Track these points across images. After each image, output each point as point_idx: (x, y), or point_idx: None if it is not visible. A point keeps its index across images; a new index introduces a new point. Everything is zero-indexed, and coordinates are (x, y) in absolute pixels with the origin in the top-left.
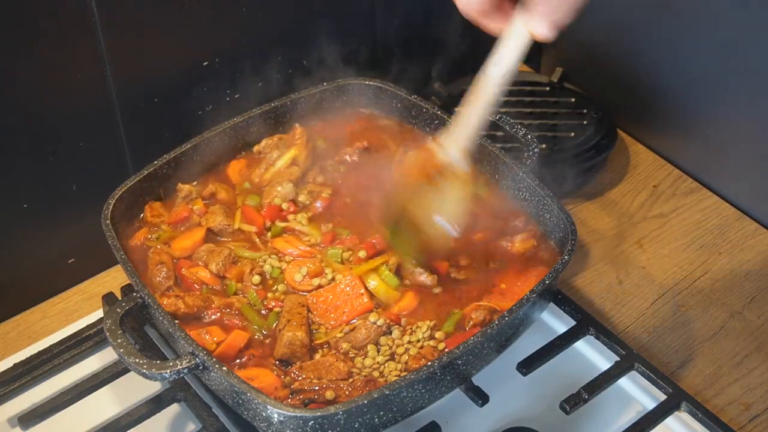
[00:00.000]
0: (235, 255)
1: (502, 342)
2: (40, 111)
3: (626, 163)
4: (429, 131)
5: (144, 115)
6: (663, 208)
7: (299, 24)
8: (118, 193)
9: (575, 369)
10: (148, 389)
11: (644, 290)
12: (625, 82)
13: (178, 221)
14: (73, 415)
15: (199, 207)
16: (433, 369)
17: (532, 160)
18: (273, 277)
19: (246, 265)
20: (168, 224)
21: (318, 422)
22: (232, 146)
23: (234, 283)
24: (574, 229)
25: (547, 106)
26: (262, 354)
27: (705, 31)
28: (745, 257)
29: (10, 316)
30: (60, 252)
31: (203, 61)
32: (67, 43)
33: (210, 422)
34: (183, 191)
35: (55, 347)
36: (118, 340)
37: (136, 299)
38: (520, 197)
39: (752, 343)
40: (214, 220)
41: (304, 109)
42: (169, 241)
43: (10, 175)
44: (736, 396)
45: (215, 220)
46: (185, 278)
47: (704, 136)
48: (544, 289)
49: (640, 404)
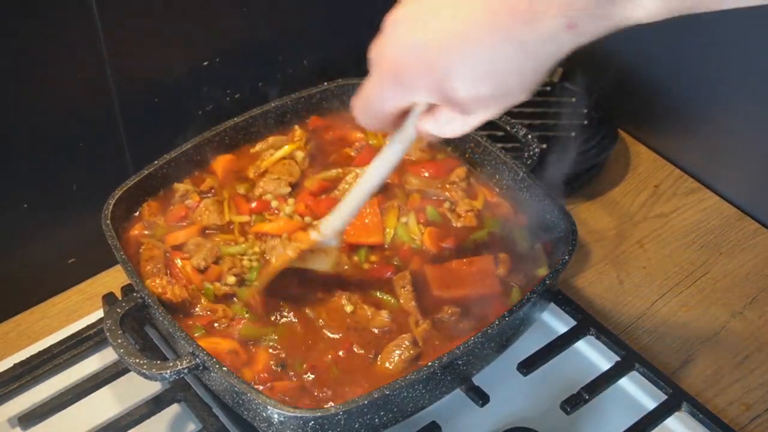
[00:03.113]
0: (218, 250)
1: (502, 342)
2: (40, 111)
3: (627, 163)
4: None
5: (144, 115)
6: (664, 208)
7: (300, 23)
8: (118, 193)
9: (576, 369)
10: (148, 389)
11: (645, 290)
12: (626, 81)
13: (176, 220)
14: (73, 415)
15: (192, 202)
16: (433, 369)
17: (532, 160)
18: (249, 280)
19: (226, 263)
20: (166, 223)
21: (318, 422)
22: (232, 146)
23: (212, 287)
24: (575, 229)
25: (547, 105)
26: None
27: (705, 30)
28: (746, 257)
29: (10, 316)
30: (60, 252)
31: (203, 61)
32: (67, 43)
33: (210, 422)
34: (179, 190)
35: (55, 347)
36: (119, 340)
37: (136, 299)
38: (521, 197)
39: (753, 343)
40: (209, 217)
41: (304, 109)
42: (164, 237)
43: (10, 175)
44: (737, 396)
45: (209, 218)
46: (174, 268)
47: (705, 136)
48: (545, 289)
49: (640, 404)
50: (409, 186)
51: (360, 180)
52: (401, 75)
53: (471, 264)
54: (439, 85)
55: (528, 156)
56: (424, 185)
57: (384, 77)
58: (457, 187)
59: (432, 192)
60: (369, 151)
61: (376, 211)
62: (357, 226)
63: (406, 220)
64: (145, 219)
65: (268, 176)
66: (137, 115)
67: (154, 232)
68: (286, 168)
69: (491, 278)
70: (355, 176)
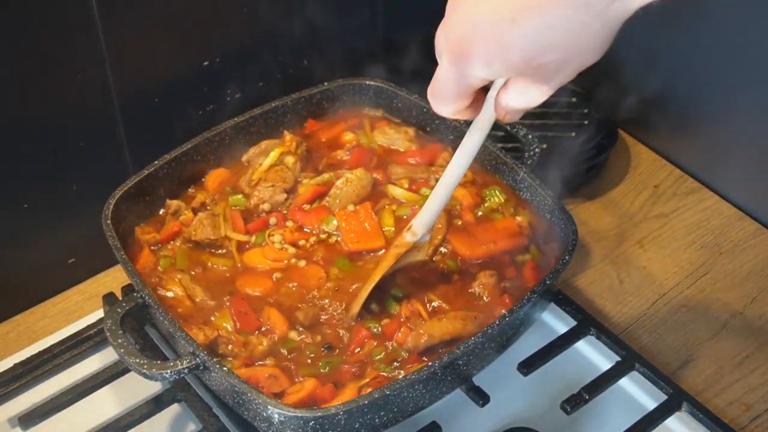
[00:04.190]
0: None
1: (502, 342)
2: (40, 111)
3: (627, 163)
4: (429, 131)
5: (144, 115)
6: (664, 208)
7: (300, 23)
8: (118, 193)
9: (576, 369)
10: (148, 389)
11: (645, 290)
12: (626, 81)
13: (168, 237)
14: (73, 415)
15: (186, 218)
16: (433, 369)
17: (532, 160)
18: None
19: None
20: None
21: (318, 422)
22: (232, 146)
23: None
24: (575, 229)
25: (547, 105)
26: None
27: (706, 30)
28: (747, 257)
29: (10, 316)
30: (60, 252)
31: (203, 61)
32: (67, 43)
33: (210, 422)
34: (172, 207)
35: (55, 347)
36: (119, 340)
37: (136, 299)
38: (521, 197)
39: (753, 343)
40: (203, 232)
41: (304, 109)
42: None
43: (11, 175)
44: (737, 396)
45: (203, 232)
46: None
47: (705, 135)
48: (545, 289)
49: (640, 405)
50: (395, 176)
51: (445, 174)
52: (472, 53)
53: (492, 225)
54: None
55: (528, 156)
56: (411, 173)
57: (455, 58)
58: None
59: (419, 177)
60: (360, 152)
61: (371, 216)
62: (358, 233)
63: (404, 215)
64: (140, 240)
65: (262, 184)
66: (137, 115)
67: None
68: (280, 175)
69: (515, 235)
70: (346, 181)
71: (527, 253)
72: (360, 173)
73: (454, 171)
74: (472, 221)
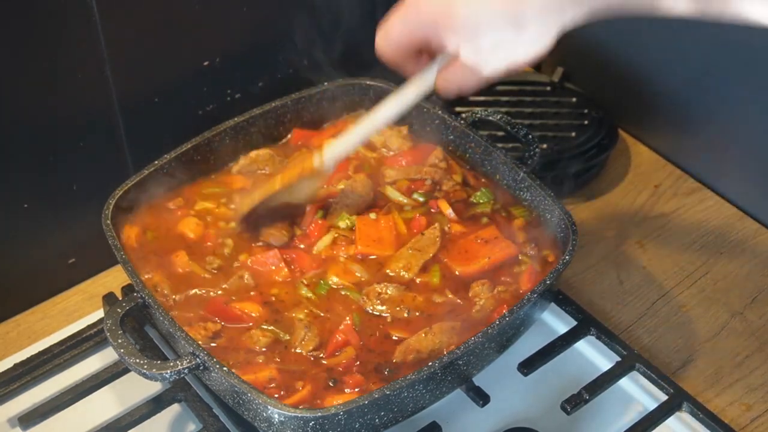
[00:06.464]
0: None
1: (502, 342)
2: (40, 111)
3: (627, 163)
4: (430, 130)
5: (144, 115)
6: (664, 208)
7: (300, 23)
8: (118, 193)
9: (576, 369)
10: (148, 389)
11: (645, 290)
12: (626, 81)
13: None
14: (73, 415)
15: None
16: (433, 369)
17: (533, 160)
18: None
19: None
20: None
21: (318, 422)
22: (232, 147)
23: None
24: (575, 229)
25: (548, 105)
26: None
27: (706, 30)
28: (747, 257)
29: (10, 316)
30: (60, 252)
31: (203, 61)
32: (67, 43)
33: (210, 422)
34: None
35: (55, 347)
36: (119, 340)
37: (136, 299)
38: (521, 197)
39: (753, 343)
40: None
41: (304, 109)
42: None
43: (10, 175)
44: (738, 396)
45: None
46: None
47: (706, 135)
48: (545, 289)
49: (641, 405)
50: (388, 179)
51: (370, 114)
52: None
53: (478, 237)
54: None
55: (528, 156)
56: (403, 174)
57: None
58: (436, 168)
59: (413, 177)
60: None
61: (391, 226)
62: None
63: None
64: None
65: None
66: (137, 115)
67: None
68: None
69: (503, 242)
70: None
71: (522, 264)
72: (362, 179)
73: (382, 114)
74: (464, 231)
